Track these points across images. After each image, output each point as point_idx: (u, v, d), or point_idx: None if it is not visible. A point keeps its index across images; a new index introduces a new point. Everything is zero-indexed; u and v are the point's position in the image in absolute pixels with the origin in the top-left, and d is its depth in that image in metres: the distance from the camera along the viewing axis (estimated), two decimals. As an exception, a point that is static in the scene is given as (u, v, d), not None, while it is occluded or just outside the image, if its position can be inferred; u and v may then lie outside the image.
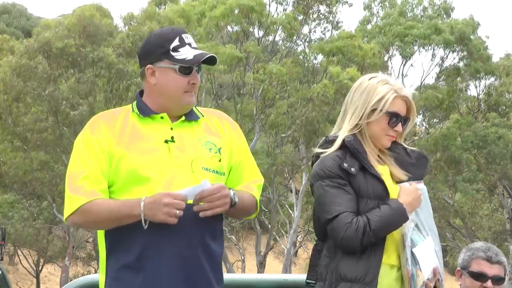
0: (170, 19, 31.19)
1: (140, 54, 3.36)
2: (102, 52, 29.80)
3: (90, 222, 3.26)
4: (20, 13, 58.87)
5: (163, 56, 3.26)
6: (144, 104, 3.32)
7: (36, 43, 29.92)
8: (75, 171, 3.23)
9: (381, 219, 3.32)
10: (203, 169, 3.24)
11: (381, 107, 3.42)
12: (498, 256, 4.09)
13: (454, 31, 36.15)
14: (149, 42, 3.34)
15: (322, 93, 31.25)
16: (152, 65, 3.28)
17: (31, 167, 31.79)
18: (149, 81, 3.30)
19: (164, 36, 3.31)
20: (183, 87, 3.27)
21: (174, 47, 3.27)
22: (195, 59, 3.26)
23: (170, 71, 3.26)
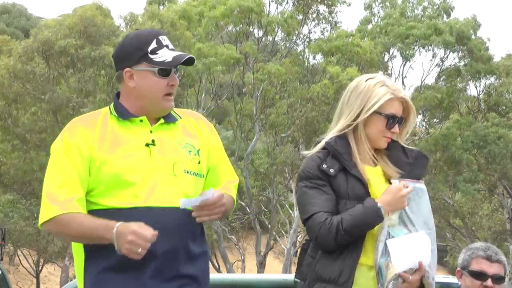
0: (172, 20, 31.20)
1: (117, 57, 3.31)
2: (104, 50, 29.79)
3: (63, 234, 3.23)
4: (20, 13, 58.86)
5: (142, 59, 3.23)
6: (122, 107, 3.28)
7: (35, 43, 29.89)
8: (52, 177, 3.19)
9: (353, 218, 3.32)
10: (184, 172, 3.24)
11: (378, 110, 3.42)
12: (497, 255, 4.09)
13: (453, 31, 36.14)
14: (125, 45, 3.30)
15: (322, 93, 31.24)
16: (130, 68, 3.24)
17: (31, 167, 31.78)
18: (127, 84, 3.26)
19: (142, 38, 3.27)
20: (163, 89, 3.24)
21: (152, 49, 3.24)
22: (174, 60, 3.24)
23: (149, 74, 3.23)
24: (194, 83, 34.38)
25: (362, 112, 3.44)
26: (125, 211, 3.15)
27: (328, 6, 35.17)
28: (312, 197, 3.39)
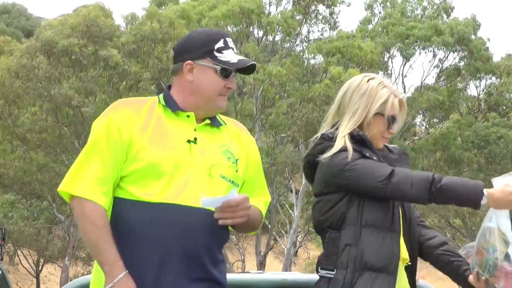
0: (171, 19, 31.21)
1: (180, 48, 3.27)
2: (107, 51, 29.83)
3: (77, 218, 3.15)
4: (20, 13, 58.89)
5: (206, 55, 3.19)
6: (172, 99, 3.23)
7: (38, 42, 29.93)
8: (89, 155, 3.15)
9: (455, 182, 3.29)
10: (220, 177, 3.19)
11: (381, 111, 3.45)
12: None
13: (454, 32, 36.15)
14: (192, 38, 3.26)
15: (323, 93, 31.26)
16: (192, 62, 3.20)
17: (31, 167, 31.79)
18: (185, 77, 3.21)
19: (210, 35, 3.25)
20: (220, 89, 3.20)
21: (219, 48, 3.21)
22: (239, 63, 3.20)
23: (210, 71, 3.19)
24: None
25: (367, 112, 3.46)
26: (153, 206, 3.07)
27: (328, 6, 35.19)
28: (374, 163, 3.35)
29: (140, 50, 31.32)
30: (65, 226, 33.26)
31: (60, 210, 34.00)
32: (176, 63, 3.25)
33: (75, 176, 3.14)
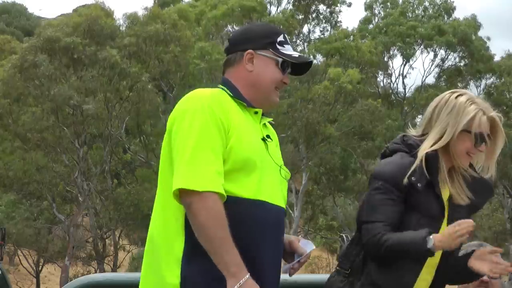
0: (174, 21, 31.24)
1: (238, 38, 3.15)
2: (107, 51, 29.84)
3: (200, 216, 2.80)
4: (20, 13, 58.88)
5: (268, 46, 3.09)
6: (240, 93, 3.07)
7: (40, 40, 29.95)
8: (202, 149, 2.85)
9: (399, 241, 3.25)
10: (285, 178, 3.12)
11: (468, 128, 3.38)
12: None
13: (456, 32, 36.16)
14: (253, 29, 3.18)
15: (323, 94, 31.27)
16: (253, 51, 3.08)
17: (31, 168, 31.80)
18: (245, 67, 3.08)
19: (272, 28, 3.18)
20: (277, 82, 3.10)
21: (280, 41, 3.12)
22: (300, 58, 3.13)
23: (271, 62, 3.09)
24: (195, 83, 34.41)
25: (455, 130, 3.39)
26: (247, 202, 2.91)
27: (328, 6, 35.20)
28: (383, 203, 3.30)
29: (141, 51, 31.33)
30: (65, 226, 33.26)
31: (60, 210, 34.01)
32: (232, 54, 3.13)
33: (192, 170, 2.81)
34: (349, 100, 33.03)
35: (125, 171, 36.68)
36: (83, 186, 31.71)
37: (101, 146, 33.09)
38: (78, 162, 31.51)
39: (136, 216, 34.44)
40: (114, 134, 32.33)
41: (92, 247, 34.94)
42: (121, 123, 32.69)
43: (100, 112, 30.57)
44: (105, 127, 31.84)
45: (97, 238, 33.95)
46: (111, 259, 35.52)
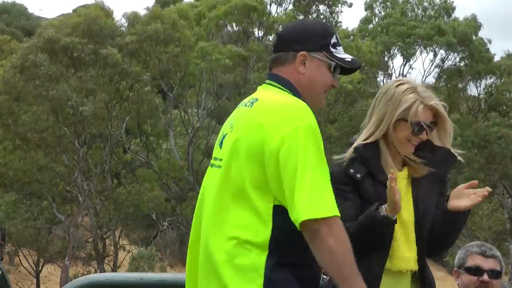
0: (174, 21, 31.23)
1: (290, 37, 3.00)
2: (108, 50, 29.84)
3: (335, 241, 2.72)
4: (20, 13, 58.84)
5: (322, 49, 2.98)
6: (302, 97, 2.94)
7: (41, 40, 29.96)
8: (320, 168, 2.77)
9: (358, 224, 3.25)
10: None
11: (404, 117, 3.39)
12: (492, 250, 4.11)
13: (456, 32, 36.15)
14: (308, 28, 3.02)
15: (323, 94, 31.28)
16: (307, 53, 2.97)
17: (31, 168, 31.79)
18: (297, 69, 2.96)
19: (326, 28, 3.05)
20: (326, 86, 3.01)
21: (334, 43, 3.01)
22: (353, 62, 3.04)
23: (324, 66, 2.98)
24: (195, 83, 34.39)
25: (391, 118, 3.41)
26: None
27: (328, 6, 35.20)
28: (338, 204, 3.31)
29: (142, 50, 31.32)
30: (65, 226, 33.25)
31: (60, 210, 34.00)
32: (283, 52, 3.00)
33: (318, 197, 2.73)
34: (349, 100, 33.03)
35: (125, 171, 36.66)
36: (83, 186, 31.70)
37: (101, 146, 33.08)
38: (78, 162, 31.51)
39: (136, 216, 34.42)
40: (114, 134, 32.32)
41: (92, 247, 34.93)
42: (121, 123, 32.68)
43: (100, 112, 30.56)
44: (105, 127, 31.83)
45: (97, 238, 33.94)
46: (111, 259, 35.50)
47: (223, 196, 2.83)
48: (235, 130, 2.87)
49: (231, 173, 2.82)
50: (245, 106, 2.93)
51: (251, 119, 2.83)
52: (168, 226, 37.75)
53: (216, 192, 2.86)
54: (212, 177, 2.93)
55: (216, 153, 2.96)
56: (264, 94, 2.95)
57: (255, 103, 2.88)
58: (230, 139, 2.87)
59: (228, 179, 2.83)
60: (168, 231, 38.56)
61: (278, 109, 2.81)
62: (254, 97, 2.96)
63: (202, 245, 2.89)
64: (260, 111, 2.83)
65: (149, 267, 34.12)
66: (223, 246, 2.79)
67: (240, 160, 2.80)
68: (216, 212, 2.84)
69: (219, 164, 2.90)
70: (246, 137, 2.81)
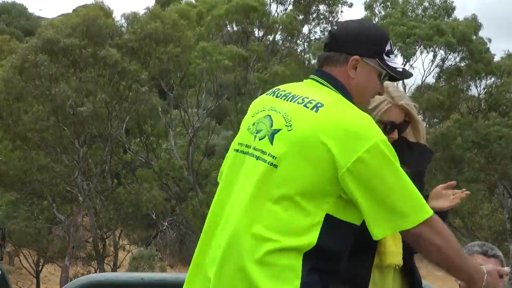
0: (175, 20, 31.23)
1: (349, 39, 2.90)
2: (106, 50, 29.83)
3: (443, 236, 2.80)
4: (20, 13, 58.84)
5: (375, 55, 2.88)
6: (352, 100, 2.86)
7: (40, 41, 29.95)
8: (408, 180, 2.77)
9: None
10: None
11: (375, 116, 3.32)
12: (493, 250, 4.10)
13: (456, 32, 36.17)
14: (364, 32, 2.91)
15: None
16: (360, 58, 2.87)
17: (31, 167, 31.80)
18: (347, 72, 2.87)
19: (382, 34, 2.95)
20: (373, 94, 2.95)
21: (388, 50, 2.92)
22: (405, 73, 2.96)
23: (374, 73, 2.89)
24: (195, 83, 34.40)
25: None
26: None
27: (329, 6, 35.20)
28: None
29: (141, 50, 31.32)
30: (65, 226, 33.26)
31: (60, 210, 34.00)
32: (335, 52, 2.91)
33: (415, 202, 2.75)
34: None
35: (125, 171, 36.67)
36: (83, 186, 31.70)
37: (101, 146, 33.08)
38: (78, 162, 31.51)
39: (136, 216, 34.43)
40: (114, 134, 32.32)
41: (92, 247, 34.94)
42: (121, 123, 32.68)
43: (100, 112, 30.56)
44: (105, 127, 31.83)
45: (97, 238, 33.95)
46: (111, 259, 35.51)
47: (265, 192, 2.72)
48: (296, 131, 2.74)
49: (284, 174, 2.72)
50: (305, 106, 2.79)
51: (318, 127, 2.71)
52: (168, 226, 37.76)
53: (256, 186, 2.73)
54: (251, 168, 2.79)
55: (258, 144, 2.81)
56: (325, 98, 2.81)
57: (320, 109, 2.75)
58: (289, 138, 2.74)
59: (279, 178, 2.72)
60: (168, 231, 38.57)
61: (350, 123, 2.72)
62: (313, 98, 2.81)
63: (228, 235, 2.75)
64: (329, 120, 2.72)
65: (149, 267, 34.12)
66: (256, 241, 2.69)
67: (299, 165, 2.71)
68: (252, 206, 2.73)
69: (266, 158, 2.76)
70: (310, 144, 2.71)
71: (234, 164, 2.88)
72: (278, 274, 2.66)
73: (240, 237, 2.71)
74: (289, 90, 2.91)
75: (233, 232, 2.73)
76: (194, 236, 37.69)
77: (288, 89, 2.93)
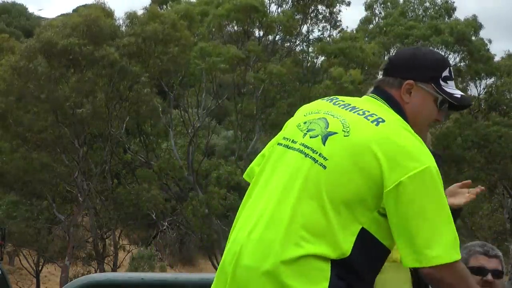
0: (173, 20, 31.22)
1: (400, 63, 2.90)
2: (105, 50, 29.82)
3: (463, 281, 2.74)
4: (20, 13, 58.86)
5: (431, 80, 2.85)
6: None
7: (38, 43, 29.94)
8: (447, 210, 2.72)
9: None
10: None
11: None
12: (494, 250, 4.12)
13: (453, 31, 36.18)
14: (421, 57, 2.89)
15: (324, 93, 31.27)
16: (414, 83, 2.84)
17: (31, 167, 31.80)
18: (401, 96, 2.85)
19: (439, 59, 2.92)
20: (431, 119, 2.90)
21: (445, 76, 2.87)
22: (463, 100, 2.89)
23: (430, 98, 2.86)
24: (195, 83, 34.40)
25: None
26: None
27: (327, 6, 35.20)
28: None
29: (141, 51, 31.32)
30: (65, 226, 33.27)
31: (60, 210, 34.01)
32: (391, 77, 2.90)
33: (452, 239, 2.69)
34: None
35: (125, 171, 36.68)
36: (83, 186, 31.71)
37: (101, 146, 33.09)
38: (78, 162, 31.52)
39: (136, 216, 34.44)
40: (114, 134, 32.33)
41: (92, 247, 34.95)
42: (121, 123, 32.69)
43: (100, 112, 30.56)
44: (105, 127, 31.84)
45: (97, 238, 33.96)
46: (111, 259, 35.52)
47: (309, 191, 2.68)
48: (353, 138, 2.71)
49: (332, 177, 2.68)
50: (366, 118, 2.77)
51: (375, 140, 2.69)
52: (168, 226, 37.76)
53: (302, 183, 2.69)
54: (295, 163, 2.75)
55: (309, 141, 2.76)
56: (386, 115, 2.79)
57: (381, 124, 2.73)
58: (344, 143, 2.71)
59: (326, 180, 2.68)
60: (168, 231, 38.57)
61: (406, 144, 2.69)
62: (375, 113, 2.79)
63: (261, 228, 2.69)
64: (387, 136, 2.70)
65: (149, 267, 34.14)
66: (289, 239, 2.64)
67: (348, 171, 2.67)
68: (294, 201, 2.67)
69: (316, 157, 2.71)
70: (364, 154, 2.67)
71: (273, 157, 2.85)
72: (307, 273, 2.61)
73: (273, 231, 2.65)
74: (349, 102, 2.88)
75: (266, 225, 2.68)
76: (194, 236, 37.70)
77: (347, 100, 2.90)
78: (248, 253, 2.66)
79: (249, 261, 2.65)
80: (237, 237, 2.75)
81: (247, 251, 2.67)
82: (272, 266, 2.60)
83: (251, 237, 2.68)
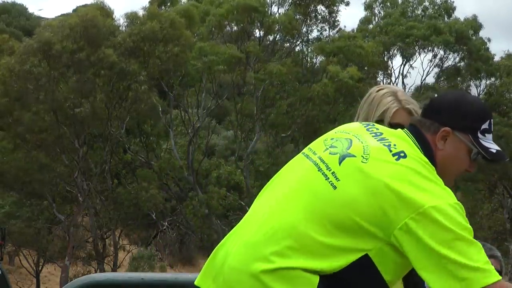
0: (172, 19, 31.21)
1: (439, 107, 2.81)
2: (103, 53, 29.80)
3: None
4: (20, 13, 58.85)
5: (469, 131, 2.75)
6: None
7: (36, 44, 29.92)
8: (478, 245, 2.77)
9: None
10: None
11: (385, 119, 3.44)
12: (492, 250, 4.11)
13: (453, 31, 36.19)
14: (463, 105, 2.79)
15: (322, 92, 31.26)
16: (451, 130, 2.76)
17: (32, 167, 31.80)
18: (435, 142, 2.77)
19: (481, 111, 2.80)
20: (461, 170, 2.82)
21: (484, 129, 2.77)
22: (498, 155, 2.80)
23: (464, 148, 2.76)
24: (194, 83, 34.39)
25: (371, 120, 3.45)
26: None
27: (327, 6, 35.21)
28: None
29: (140, 50, 31.31)
30: (65, 226, 33.26)
31: (60, 210, 34.00)
32: (429, 120, 2.81)
33: (484, 265, 2.71)
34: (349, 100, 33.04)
35: (125, 171, 36.69)
36: (83, 186, 31.71)
37: (101, 146, 33.09)
38: (78, 162, 31.51)
39: (136, 216, 34.44)
40: (114, 134, 32.32)
41: (92, 247, 34.94)
42: (121, 123, 32.69)
43: (99, 112, 30.56)
44: (105, 127, 31.83)
45: (97, 238, 33.95)
46: (111, 259, 35.51)
47: (312, 208, 2.63)
48: (369, 167, 2.65)
49: (338, 200, 2.63)
50: (389, 149, 2.72)
51: (389, 175, 2.63)
52: (168, 226, 37.77)
53: (309, 198, 2.66)
54: (307, 174, 2.73)
55: (327, 157, 2.74)
56: (409, 151, 2.73)
57: (402, 160, 2.67)
58: (359, 168, 2.65)
59: (333, 202, 2.63)
60: (168, 231, 38.58)
61: (422, 183, 2.63)
62: (398, 146, 2.74)
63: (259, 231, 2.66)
64: (403, 173, 2.64)
65: (149, 267, 34.14)
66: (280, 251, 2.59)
67: (355, 198, 2.62)
68: (292, 213, 2.64)
69: (328, 175, 2.68)
70: (377, 187, 2.61)
71: (292, 163, 2.87)
72: (293, 281, 2.56)
73: (261, 236, 2.63)
74: (382, 131, 2.83)
75: (257, 228, 2.66)
76: (194, 236, 37.70)
77: (381, 129, 2.85)
78: (234, 253, 2.64)
79: (233, 261, 2.62)
80: (233, 233, 2.77)
81: (233, 251, 2.65)
82: (254, 270, 2.56)
83: (242, 238, 2.67)
